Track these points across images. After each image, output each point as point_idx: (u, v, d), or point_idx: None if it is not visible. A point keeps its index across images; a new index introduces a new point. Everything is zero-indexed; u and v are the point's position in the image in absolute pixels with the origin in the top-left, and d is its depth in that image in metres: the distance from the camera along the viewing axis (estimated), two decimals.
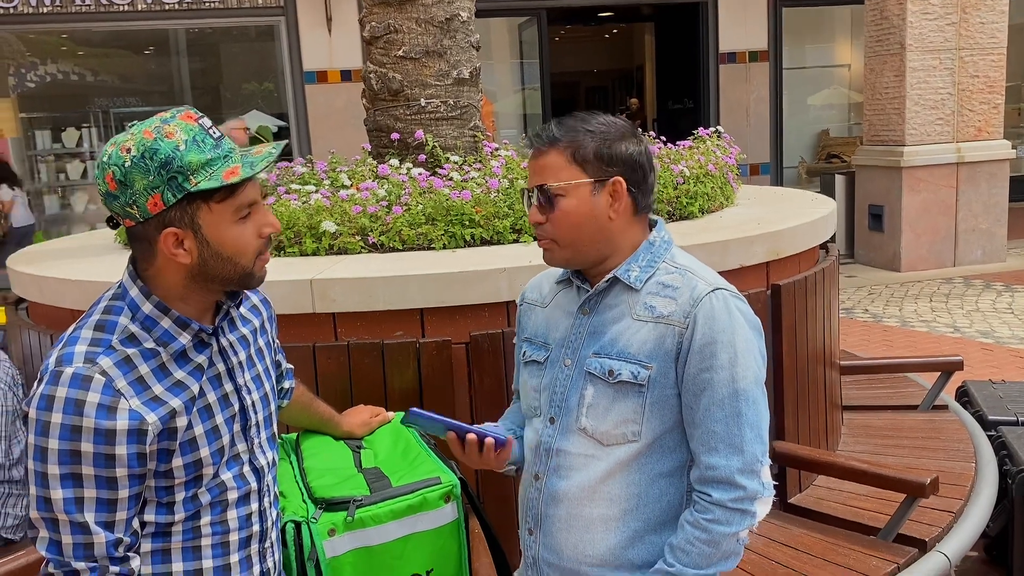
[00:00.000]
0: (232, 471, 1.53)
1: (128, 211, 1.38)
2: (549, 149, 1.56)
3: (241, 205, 1.41)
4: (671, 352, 1.51)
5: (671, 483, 1.58)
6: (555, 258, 1.60)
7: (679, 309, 1.52)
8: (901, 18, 8.54)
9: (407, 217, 2.95)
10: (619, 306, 1.59)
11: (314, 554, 1.89)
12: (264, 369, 1.64)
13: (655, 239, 1.62)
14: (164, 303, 1.43)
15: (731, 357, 1.48)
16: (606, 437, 1.57)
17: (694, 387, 1.50)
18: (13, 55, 11.15)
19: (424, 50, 3.57)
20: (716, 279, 1.57)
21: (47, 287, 3.00)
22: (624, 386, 1.54)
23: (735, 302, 1.54)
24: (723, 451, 1.49)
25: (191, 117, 1.40)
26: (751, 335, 1.53)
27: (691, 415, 1.52)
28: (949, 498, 2.98)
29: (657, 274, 1.58)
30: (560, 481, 1.62)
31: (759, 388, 1.52)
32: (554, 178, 1.54)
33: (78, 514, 1.35)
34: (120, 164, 1.36)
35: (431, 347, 2.53)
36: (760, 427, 1.51)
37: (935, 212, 8.77)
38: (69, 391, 1.33)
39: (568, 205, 1.54)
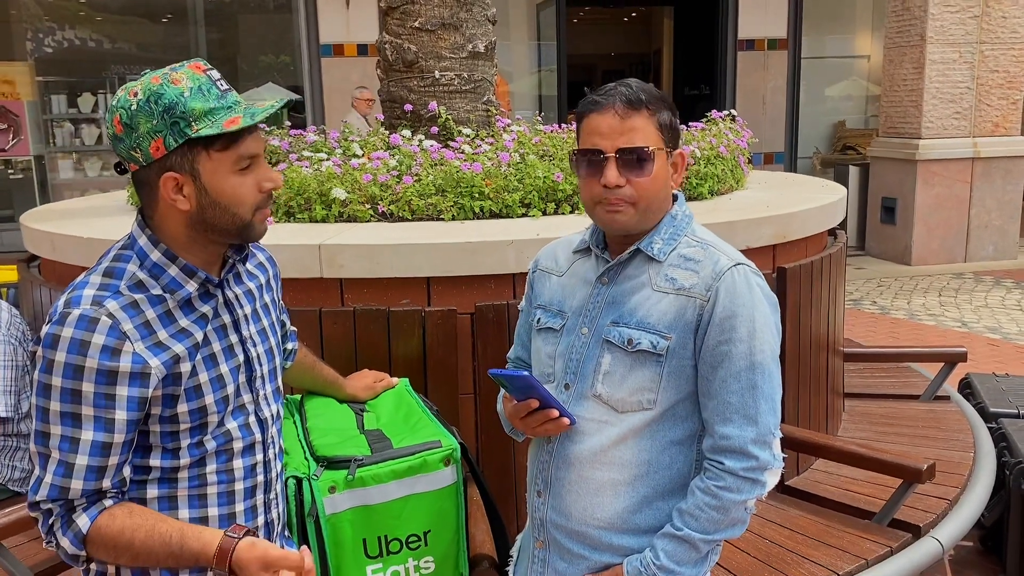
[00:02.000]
0: (237, 420, 1.56)
1: (132, 154, 1.41)
2: (637, 111, 1.55)
3: (241, 156, 1.43)
4: (691, 323, 1.54)
5: (681, 451, 1.60)
6: (628, 220, 1.57)
7: (701, 282, 1.54)
8: (923, 9, 8.47)
9: (417, 187, 2.96)
10: (639, 277, 1.60)
11: (314, 510, 1.93)
12: (269, 324, 1.66)
13: (677, 213, 1.64)
14: (171, 251, 1.46)
15: (750, 331, 1.51)
16: (621, 404, 1.59)
17: (712, 359, 1.53)
18: (31, 19, 11.17)
19: (440, 22, 3.57)
20: (737, 254, 1.60)
21: (59, 244, 3.04)
22: (642, 355, 1.56)
23: (755, 278, 1.56)
24: (738, 421, 1.52)
25: (199, 68, 1.42)
26: (768, 310, 1.55)
27: (707, 386, 1.55)
28: (946, 486, 3.00)
29: (679, 247, 1.60)
30: (572, 445, 1.64)
31: (775, 362, 1.55)
32: (644, 141, 1.54)
33: (70, 454, 1.39)
34: (127, 107, 1.39)
35: (436, 316, 2.55)
36: (774, 400, 1.54)
37: (948, 207, 8.74)
38: (75, 331, 1.36)
39: (655, 170, 1.55)
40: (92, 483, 1.41)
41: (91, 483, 1.41)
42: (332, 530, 1.96)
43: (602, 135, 1.55)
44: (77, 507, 1.42)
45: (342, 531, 1.97)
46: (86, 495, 1.42)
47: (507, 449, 2.65)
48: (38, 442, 1.40)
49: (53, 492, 1.40)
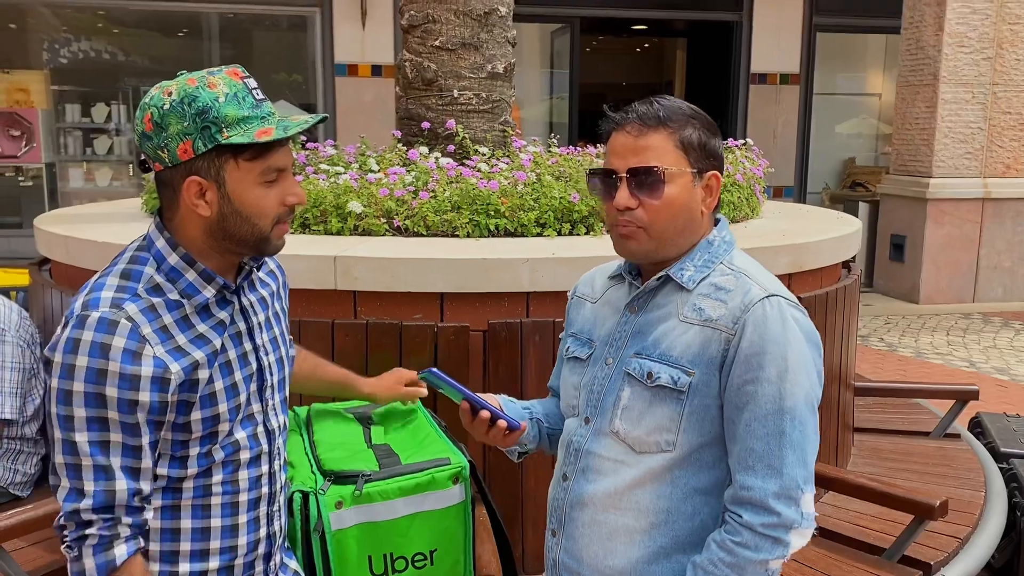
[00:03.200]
0: (246, 431, 1.53)
1: (159, 154, 1.39)
2: (654, 129, 1.44)
3: (269, 168, 1.41)
4: (715, 359, 1.41)
5: (707, 501, 1.46)
6: (638, 248, 1.48)
7: (728, 313, 1.42)
8: (937, 49, 8.51)
9: (433, 203, 2.96)
10: (668, 306, 1.49)
11: (320, 525, 1.90)
12: (280, 332, 1.65)
13: (714, 238, 1.52)
14: (190, 255, 1.44)
15: (780, 371, 1.37)
16: (638, 443, 1.48)
17: (737, 399, 1.40)
18: (48, 29, 11.27)
19: (461, 42, 3.59)
20: (774, 285, 1.46)
21: (73, 247, 3.03)
22: (662, 391, 1.44)
23: (792, 311, 1.42)
24: (760, 471, 1.38)
25: (237, 74, 1.41)
26: (806, 349, 1.41)
27: (731, 429, 1.42)
28: (957, 524, 2.96)
29: (712, 275, 1.48)
30: (587, 484, 1.53)
31: (809, 409, 1.40)
32: (659, 161, 1.43)
33: (102, 457, 1.35)
34: (159, 106, 1.37)
35: (449, 332, 2.53)
36: (805, 451, 1.39)
37: (957, 246, 8.72)
38: (96, 335, 1.33)
39: (672, 192, 1.44)
40: (134, 483, 1.38)
41: (133, 483, 1.38)
42: (337, 546, 1.93)
43: (616, 154, 1.47)
44: (120, 533, 1.38)
45: (347, 547, 1.94)
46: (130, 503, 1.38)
47: (515, 470, 2.61)
48: (66, 452, 1.35)
49: (99, 499, 1.36)
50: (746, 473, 1.39)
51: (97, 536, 1.38)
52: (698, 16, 12.26)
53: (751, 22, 11.77)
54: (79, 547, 1.38)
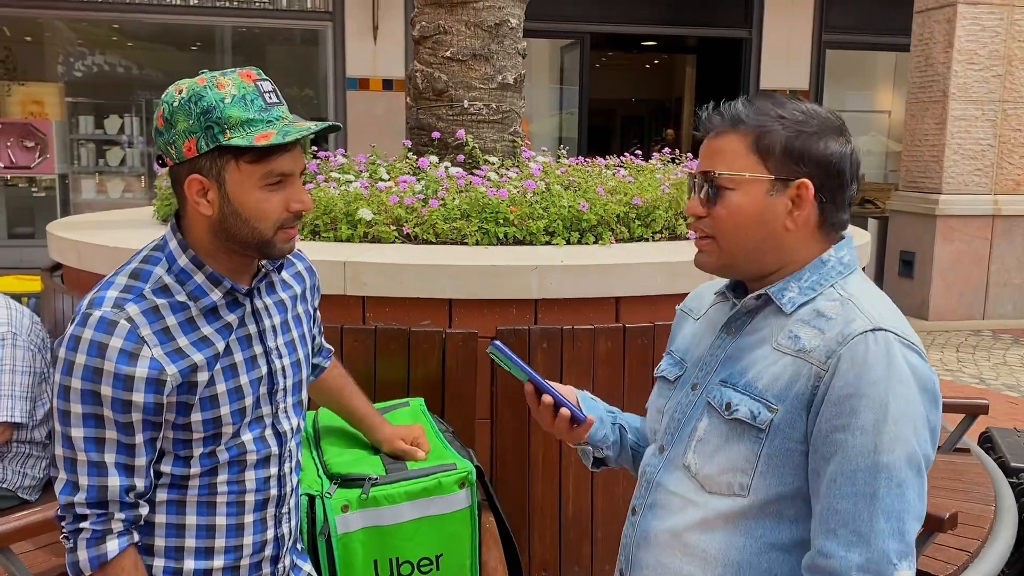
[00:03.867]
0: (254, 432, 1.54)
1: (168, 150, 1.42)
2: (729, 130, 1.31)
3: (270, 172, 1.41)
4: (803, 397, 1.22)
5: (786, 560, 1.27)
6: (709, 262, 1.35)
7: (823, 345, 1.23)
8: (946, 66, 8.52)
9: (443, 211, 2.97)
10: (763, 330, 1.32)
11: (326, 529, 1.90)
12: (300, 336, 1.64)
13: (829, 258, 1.32)
14: (199, 258, 1.45)
15: (878, 419, 1.17)
16: (708, 482, 1.31)
17: (824, 448, 1.20)
18: (64, 42, 11.39)
19: (471, 53, 3.61)
20: (886, 318, 1.24)
21: (85, 252, 3.05)
22: (739, 426, 1.27)
23: (902, 350, 1.20)
24: (844, 537, 1.18)
25: (251, 76, 1.42)
26: (916, 397, 1.20)
27: (816, 483, 1.22)
28: (966, 538, 2.94)
29: (818, 299, 1.29)
30: (654, 520, 1.38)
31: (913, 469, 1.18)
32: (726, 166, 1.30)
33: (96, 453, 1.38)
34: (170, 103, 1.39)
35: (457, 338, 2.54)
36: (902, 519, 1.17)
37: (967, 263, 8.69)
38: (95, 333, 1.35)
39: (736, 201, 1.29)
40: (127, 480, 1.40)
41: (126, 480, 1.40)
42: (343, 550, 1.93)
43: (700, 156, 1.36)
44: (113, 528, 1.41)
45: (353, 551, 1.95)
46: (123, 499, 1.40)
47: (522, 476, 2.61)
48: (64, 445, 1.38)
49: (92, 494, 1.39)
50: (827, 537, 1.19)
51: (90, 530, 1.40)
52: (707, 33, 12.31)
53: (760, 39, 11.81)
54: (74, 539, 1.41)
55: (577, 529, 2.69)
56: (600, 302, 2.66)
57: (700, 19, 11.95)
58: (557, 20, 11.44)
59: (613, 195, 3.19)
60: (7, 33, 11.27)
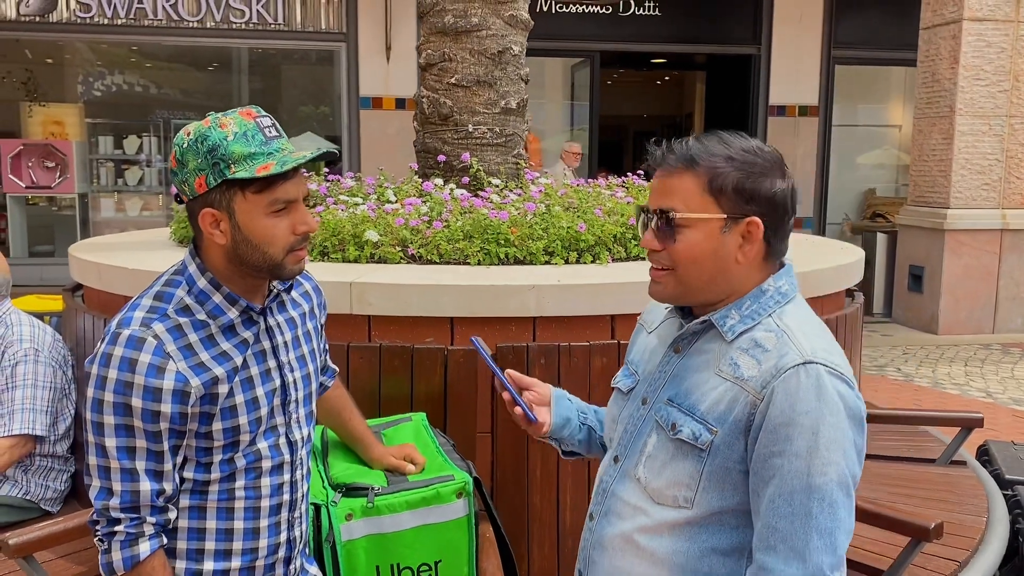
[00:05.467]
0: (268, 441, 1.66)
1: (183, 187, 1.56)
2: (683, 171, 1.37)
3: (276, 200, 1.53)
4: (740, 422, 1.32)
5: (725, 563, 1.38)
6: (665, 292, 1.42)
7: (760, 376, 1.32)
8: (952, 82, 8.59)
9: (446, 232, 3.09)
10: (708, 354, 1.41)
11: (331, 536, 2.02)
12: (310, 351, 1.77)
13: (768, 287, 1.40)
14: (216, 280, 1.58)
15: (810, 446, 1.26)
16: (657, 494, 1.41)
17: (763, 472, 1.30)
18: (84, 63, 11.65)
19: (475, 79, 3.74)
20: (818, 350, 1.32)
21: (106, 274, 3.19)
22: (683, 445, 1.37)
23: (831, 381, 1.29)
24: (782, 553, 1.28)
25: (250, 114, 1.55)
26: (845, 424, 1.28)
27: (756, 503, 1.32)
28: (956, 548, 3.01)
29: (756, 328, 1.37)
30: (608, 527, 1.49)
31: (843, 490, 1.28)
32: (683, 205, 1.36)
33: (129, 461, 1.51)
34: (181, 145, 1.53)
35: (458, 355, 2.65)
36: (834, 535, 1.28)
37: (976, 277, 8.73)
38: (125, 350, 1.49)
39: (691, 239, 1.36)
40: (157, 484, 1.53)
41: (156, 484, 1.53)
42: (347, 556, 2.04)
43: (652, 192, 1.44)
44: (145, 531, 1.54)
45: (357, 557, 2.06)
46: (154, 503, 1.53)
47: (521, 488, 2.72)
48: (98, 454, 1.51)
49: (126, 499, 1.52)
50: (767, 553, 1.30)
51: (124, 533, 1.53)
52: (717, 50, 12.42)
53: (769, 55, 11.91)
54: (109, 541, 1.54)
55: (575, 538, 2.78)
56: (595, 320, 2.77)
57: (709, 37, 12.07)
58: (568, 39, 11.60)
59: (611, 216, 3.31)
60: (29, 56, 11.55)
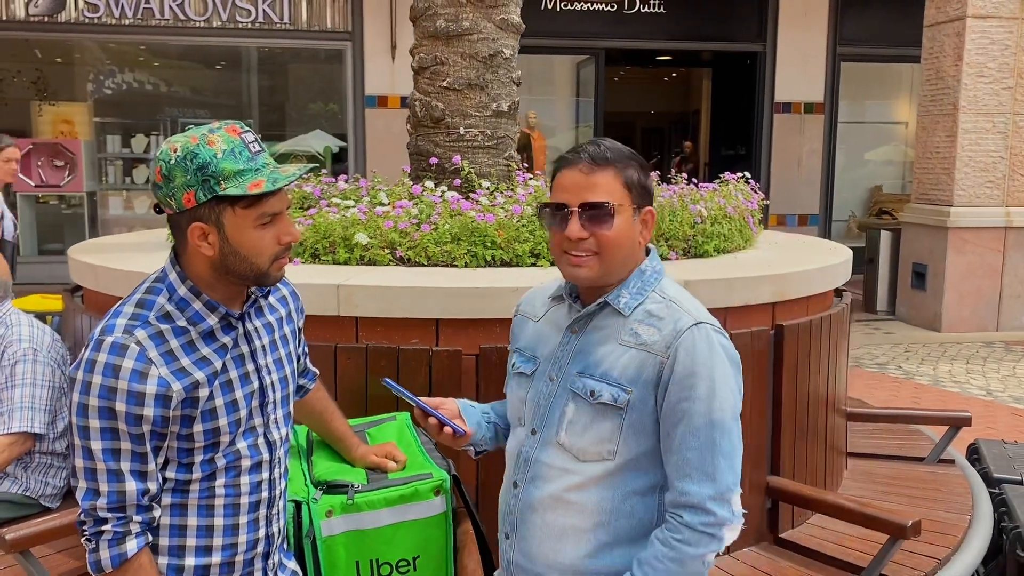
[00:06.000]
0: (247, 441, 1.72)
1: (168, 201, 1.60)
2: (603, 168, 1.62)
3: (263, 214, 1.59)
4: (651, 380, 1.59)
5: (642, 501, 1.65)
6: (588, 275, 1.64)
7: (662, 339, 1.60)
8: (956, 79, 8.58)
9: (434, 235, 3.15)
10: (606, 329, 1.67)
11: (311, 532, 2.07)
12: (287, 354, 1.83)
13: (647, 268, 1.70)
14: (197, 288, 1.64)
15: (709, 389, 1.56)
16: (582, 453, 1.65)
17: (672, 416, 1.58)
18: (93, 62, 11.75)
19: (467, 83, 3.79)
20: (701, 312, 1.64)
21: (103, 276, 3.26)
22: (604, 407, 1.62)
23: (717, 336, 1.61)
24: (697, 478, 1.56)
25: (235, 131, 1.60)
26: (730, 370, 1.60)
27: (668, 442, 1.59)
28: (937, 546, 3.05)
29: (646, 302, 1.65)
30: (536, 490, 1.70)
31: (734, 420, 1.60)
32: (607, 196, 1.60)
33: (114, 462, 1.56)
34: (167, 160, 1.57)
35: (443, 355, 2.71)
36: (733, 457, 1.59)
37: (980, 275, 8.72)
38: (109, 356, 1.54)
39: (619, 225, 1.61)
40: (142, 484, 1.58)
41: (141, 484, 1.58)
42: (327, 552, 2.10)
43: (567, 190, 1.63)
44: (132, 529, 1.59)
45: (336, 553, 2.11)
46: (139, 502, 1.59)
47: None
48: (84, 457, 1.57)
49: (112, 499, 1.57)
50: (684, 480, 1.58)
51: (112, 532, 1.59)
52: (723, 47, 12.42)
53: (775, 52, 11.90)
54: (96, 540, 1.60)
55: None
56: None
57: (715, 34, 12.07)
58: (573, 36, 11.63)
59: None
60: (38, 55, 11.66)
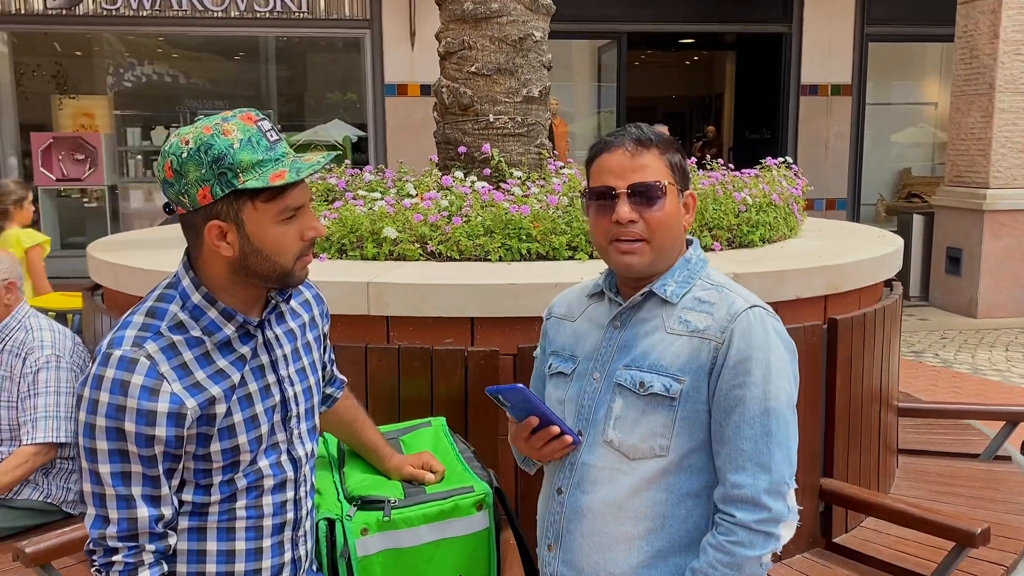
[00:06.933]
0: (270, 459, 1.58)
1: (181, 199, 1.45)
2: (648, 149, 1.57)
3: (286, 207, 1.45)
4: (705, 366, 1.52)
5: (698, 504, 1.55)
6: (639, 261, 1.57)
7: (716, 324, 1.53)
8: (992, 58, 8.32)
9: (466, 228, 3.00)
10: (653, 320, 1.59)
11: (346, 551, 1.94)
12: (311, 363, 1.69)
13: (691, 256, 1.64)
14: (212, 294, 1.49)
15: (765, 375, 1.49)
16: (633, 451, 1.56)
17: (725, 403, 1.50)
18: (112, 55, 11.68)
19: (496, 67, 3.63)
20: (752, 297, 1.59)
21: (121, 274, 3.14)
22: (655, 399, 1.54)
23: (771, 321, 1.55)
24: (751, 470, 1.47)
25: (251, 119, 1.46)
26: (786, 355, 1.53)
27: (720, 432, 1.51)
28: (1002, 551, 2.89)
29: (693, 290, 1.59)
30: (583, 496, 1.60)
31: (790, 409, 1.51)
32: (656, 177, 1.55)
33: (124, 487, 1.43)
34: (178, 154, 1.42)
35: (478, 356, 2.57)
36: (789, 448, 1.50)
37: (1017, 259, 8.48)
38: (116, 372, 1.41)
39: (667, 207, 1.55)
40: (155, 510, 1.45)
41: (154, 510, 1.45)
42: (364, 572, 1.96)
43: (613, 173, 1.56)
44: (145, 560, 1.46)
45: (373, 573, 1.98)
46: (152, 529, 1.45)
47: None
48: (92, 481, 1.43)
49: (123, 527, 1.44)
50: (737, 472, 1.48)
51: (123, 563, 1.45)
52: (746, 29, 12.18)
53: (801, 33, 11.64)
54: (106, 572, 1.46)
55: None
56: None
57: (738, 15, 11.82)
58: (594, 20, 11.42)
59: None
60: (58, 48, 11.60)
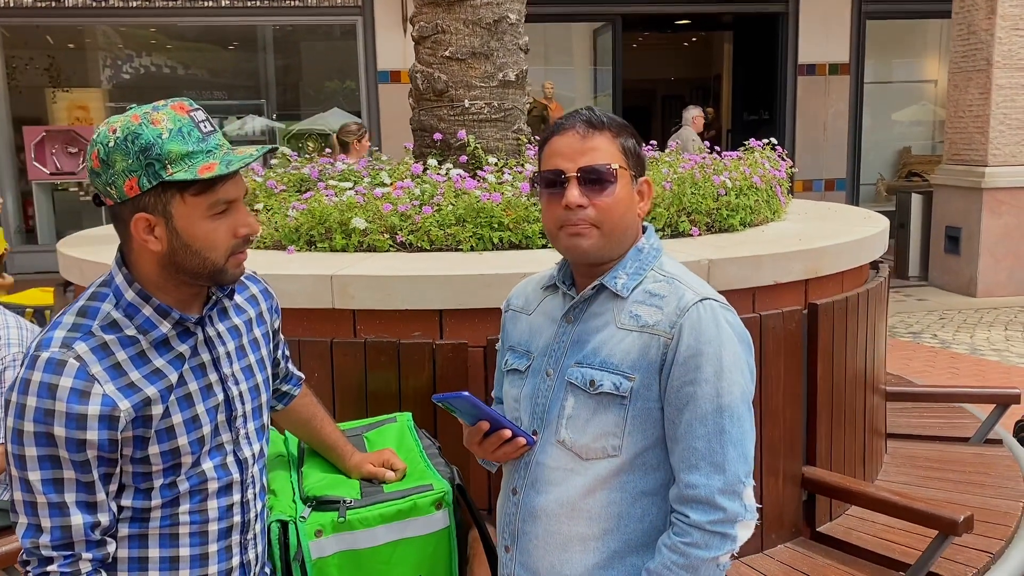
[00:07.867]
0: (214, 461, 1.52)
1: (108, 190, 1.39)
2: (599, 132, 1.50)
3: (216, 201, 1.39)
4: (655, 363, 1.45)
5: (653, 502, 1.50)
6: (590, 245, 1.49)
7: (665, 318, 1.46)
8: (990, 33, 8.20)
9: (436, 217, 2.93)
10: (604, 314, 1.52)
11: (300, 554, 1.88)
12: (258, 360, 1.63)
13: (644, 246, 1.56)
14: (146, 291, 1.43)
15: (717, 371, 1.42)
16: (585, 451, 1.50)
17: (677, 401, 1.44)
18: (106, 47, 11.62)
19: (470, 51, 3.56)
20: (705, 289, 1.51)
21: (87, 270, 3.08)
22: (605, 397, 1.48)
23: (724, 313, 1.48)
24: (704, 469, 1.42)
25: (183, 108, 1.40)
26: (739, 349, 1.46)
27: (673, 430, 1.46)
28: (989, 538, 2.82)
29: (645, 282, 1.52)
30: (538, 496, 1.55)
31: (745, 405, 1.46)
32: (606, 160, 1.48)
33: (56, 495, 1.37)
34: (105, 143, 1.36)
35: (447, 349, 2.51)
36: (744, 446, 1.44)
37: (1017, 237, 8.39)
38: (44, 375, 1.34)
39: (619, 192, 1.48)
40: (90, 517, 1.39)
41: (89, 517, 1.39)
42: (319, 574, 1.90)
43: (563, 156, 1.49)
44: (81, 569, 1.40)
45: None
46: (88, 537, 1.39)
47: None
48: (22, 489, 1.37)
49: (56, 535, 1.38)
50: (690, 472, 1.43)
51: (59, 572, 1.39)
52: (742, 8, 12.07)
53: (798, 13, 11.53)
54: None
55: None
56: None
57: None
58: (588, 3, 11.33)
59: None
60: (51, 41, 11.53)
